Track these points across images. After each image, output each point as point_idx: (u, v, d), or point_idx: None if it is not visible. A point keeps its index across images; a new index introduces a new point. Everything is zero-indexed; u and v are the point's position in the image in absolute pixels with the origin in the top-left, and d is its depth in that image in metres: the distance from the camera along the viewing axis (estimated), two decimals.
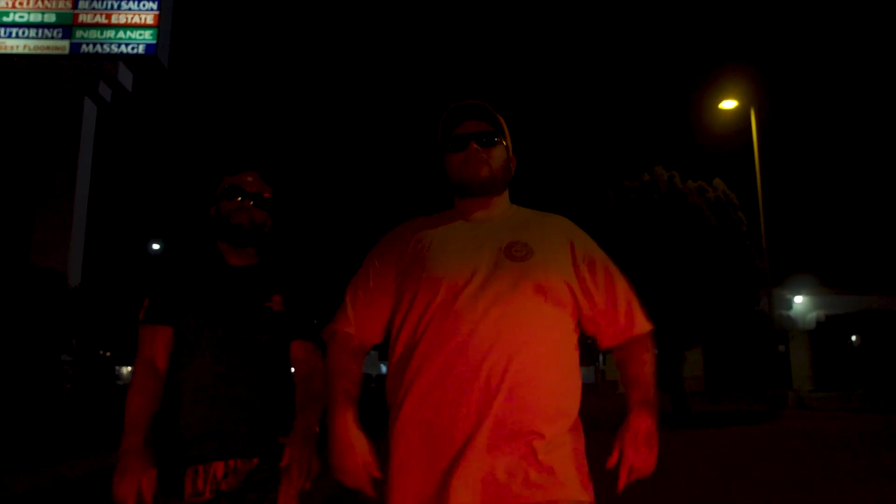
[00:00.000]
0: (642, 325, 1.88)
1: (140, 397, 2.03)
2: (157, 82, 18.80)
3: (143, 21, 17.59)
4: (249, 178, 2.25)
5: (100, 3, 17.63)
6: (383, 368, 62.24)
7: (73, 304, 15.71)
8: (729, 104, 19.75)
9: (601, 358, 42.99)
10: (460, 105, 1.89)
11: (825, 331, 34.15)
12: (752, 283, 17.28)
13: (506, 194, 1.95)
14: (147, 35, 17.51)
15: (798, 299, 34.95)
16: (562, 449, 1.68)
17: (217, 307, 2.12)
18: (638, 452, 1.69)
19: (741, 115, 20.16)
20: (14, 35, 17.23)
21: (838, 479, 7.18)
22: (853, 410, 17.41)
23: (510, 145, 1.95)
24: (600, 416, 5.68)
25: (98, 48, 17.34)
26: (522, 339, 1.68)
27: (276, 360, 2.19)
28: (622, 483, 1.69)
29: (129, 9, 17.64)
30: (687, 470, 8.01)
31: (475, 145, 1.85)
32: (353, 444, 1.72)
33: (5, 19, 17.31)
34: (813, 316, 34.84)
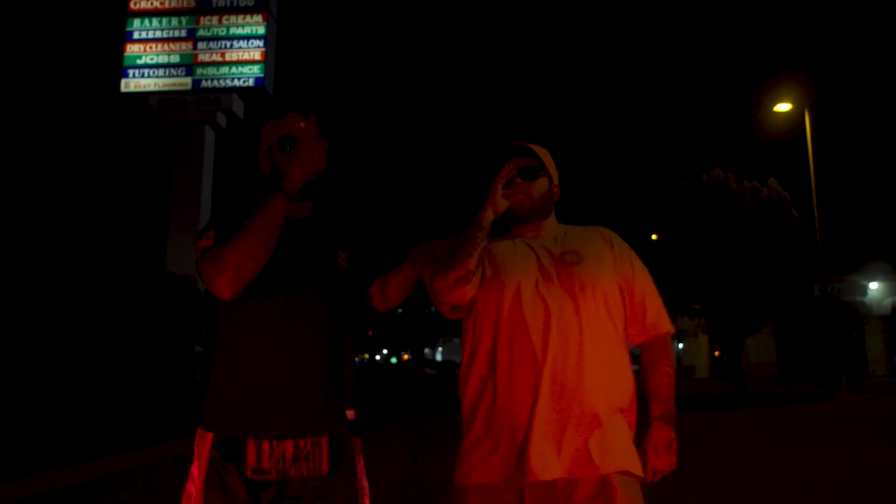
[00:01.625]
0: (666, 325, 2.04)
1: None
2: (265, 109, 21.41)
3: (251, 57, 20.24)
4: (301, 124, 1.98)
5: (215, 42, 20.39)
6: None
7: (203, 303, 18.49)
8: (783, 107, 20.97)
9: (678, 345, 44.07)
10: (505, 146, 2.10)
11: None
12: (803, 273, 18.66)
13: (552, 217, 2.13)
14: (255, 69, 20.15)
15: (873, 285, 35.13)
16: (617, 435, 1.86)
17: (277, 258, 1.81)
18: (659, 457, 1.90)
19: (797, 116, 21.32)
20: (146, 75, 20.18)
21: (846, 447, 8.93)
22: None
23: (554, 175, 2.13)
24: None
25: (215, 83, 20.10)
26: (578, 338, 1.88)
27: (343, 321, 1.96)
28: (648, 480, 1.91)
29: (240, 47, 20.33)
30: (734, 442, 9.90)
31: (519, 180, 2.04)
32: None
33: (138, 62, 20.29)
34: (889, 302, 35.02)
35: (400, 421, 13.48)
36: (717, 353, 40.08)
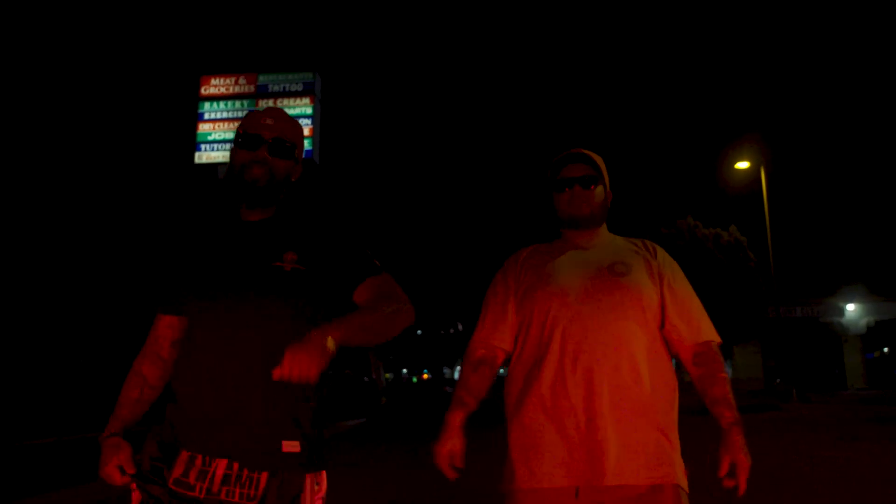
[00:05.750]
0: (712, 334, 2.06)
1: (127, 383, 1.80)
2: (313, 176, 25.82)
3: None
4: (269, 121, 1.76)
5: None
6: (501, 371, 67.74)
7: None
8: (743, 164, 24.93)
9: (674, 361, 47.59)
10: (566, 154, 2.15)
11: (875, 335, 37.52)
12: (756, 303, 22.64)
13: (604, 225, 2.20)
14: (305, 143, 24.52)
15: (850, 307, 38.37)
16: (670, 446, 1.91)
17: (217, 270, 1.71)
18: (747, 458, 1.85)
19: (754, 172, 25.26)
20: (215, 149, 24.64)
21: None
22: (845, 402, 22.33)
23: (608, 182, 2.19)
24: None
25: None
26: (627, 348, 1.93)
27: (294, 333, 1.57)
28: (743, 485, 1.84)
29: None
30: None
31: (578, 187, 2.10)
32: (449, 437, 1.98)
33: (209, 138, 24.77)
34: (864, 321, 38.22)
35: (420, 436, 15.44)
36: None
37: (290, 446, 1.63)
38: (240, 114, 25.00)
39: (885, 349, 39.09)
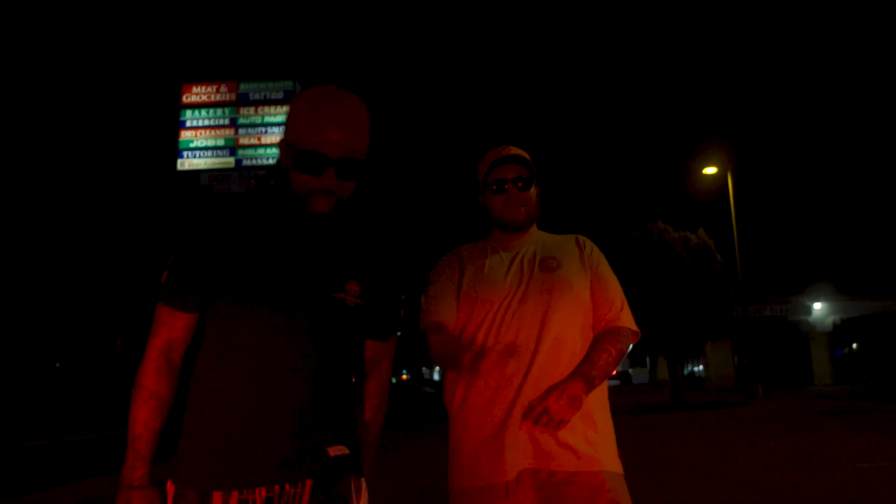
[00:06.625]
0: (626, 321, 2.05)
1: (147, 410, 1.50)
2: None
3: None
4: (335, 135, 1.44)
5: (253, 129, 25.39)
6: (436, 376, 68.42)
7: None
8: (710, 170, 25.83)
9: (648, 360, 48.62)
10: (499, 154, 2.12)
11: (841, 332, 38.65)
12: (723, 304, 23.46)
13: (535, 224, 2.19)
14: None
15: (817, 305, 39.47)
16: (593, 425, 1.94)
17: (271, 280, 1.49)
18: (558, 402, 1.79)
19: (722, 177, 26.19)
20: (197, 156, 25.10)
21: (728, 429, 13.33)
22: (807, 398, 23.28)
23: (535, 179, 2.16)
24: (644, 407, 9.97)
25: (254, 161, 25.06)
26: (562, 337, 1.96)
27: (345, 365, 1.59)
28: (532, 417, 1.82)
29: (273, 132, 25.31)
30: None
31: (514, 190, 2.09)
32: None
33: (191, 145, 25.22)
34: (831, 319, 39.42)
35: (408, 432, 15.28)
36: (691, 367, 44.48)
37: (338, 450, 1.54)
38: (221, 121, 25.54)
39: (854, 346, 40.26)
